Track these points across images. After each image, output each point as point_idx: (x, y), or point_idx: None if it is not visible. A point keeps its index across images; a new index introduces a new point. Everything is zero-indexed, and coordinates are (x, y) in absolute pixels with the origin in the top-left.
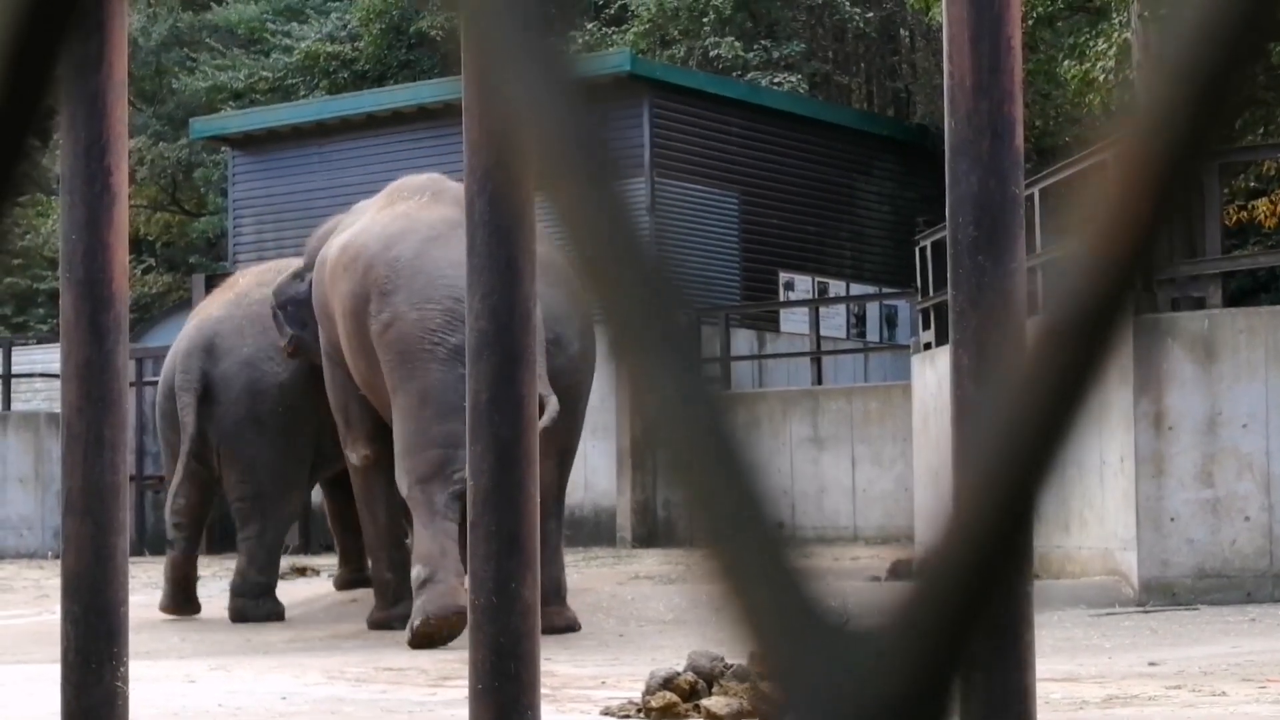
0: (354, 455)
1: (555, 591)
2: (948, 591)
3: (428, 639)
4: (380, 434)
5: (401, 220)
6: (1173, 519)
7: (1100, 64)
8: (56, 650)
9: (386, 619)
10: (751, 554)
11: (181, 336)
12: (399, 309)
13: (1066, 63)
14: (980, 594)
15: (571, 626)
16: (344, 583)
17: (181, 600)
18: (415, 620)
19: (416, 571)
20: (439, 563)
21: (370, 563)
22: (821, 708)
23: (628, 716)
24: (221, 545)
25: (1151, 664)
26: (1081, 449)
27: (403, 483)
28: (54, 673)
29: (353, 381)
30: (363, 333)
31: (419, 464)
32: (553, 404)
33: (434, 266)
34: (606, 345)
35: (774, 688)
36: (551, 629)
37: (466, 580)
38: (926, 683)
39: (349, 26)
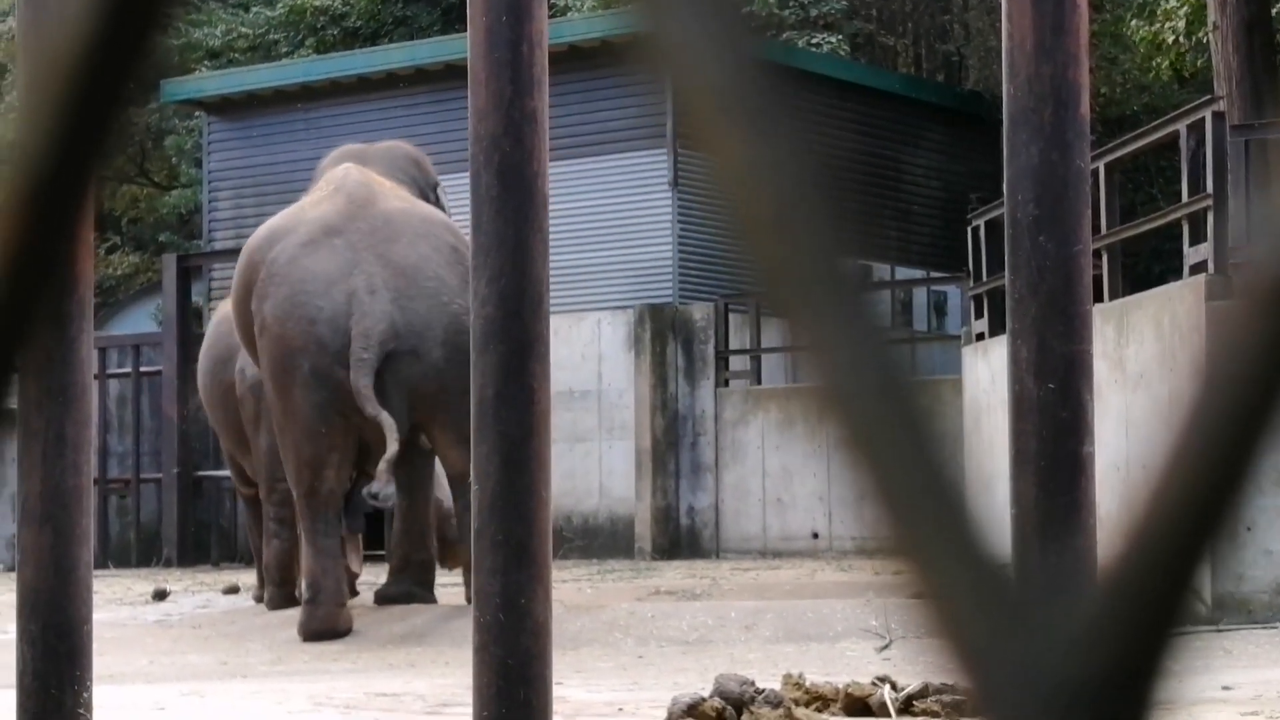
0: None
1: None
2: (1152, 568)
3: (313, 640)
4: None
5: (290, 217)
6: (1249, 528)
7: (1170, 24)
8: (11, 675)
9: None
10: (941, 542)
11: None
12: (266, 318)
13: (1134, 23)
14: (1184, 570)
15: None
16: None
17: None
18: (300, 631)
19: (303, 588)
20: (321, 583)
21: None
22: (1020, 686)
23: None
24: (195, 556)
25: (1225, 688)
26: None
27: (293, 490)
28: (8, 699)
29: None
30: (246, 325)
31: (298, 480)
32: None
33: (299, 278)
34: (775, 307)
35: (965, 671)
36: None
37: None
38: (1129, 662)
39: None
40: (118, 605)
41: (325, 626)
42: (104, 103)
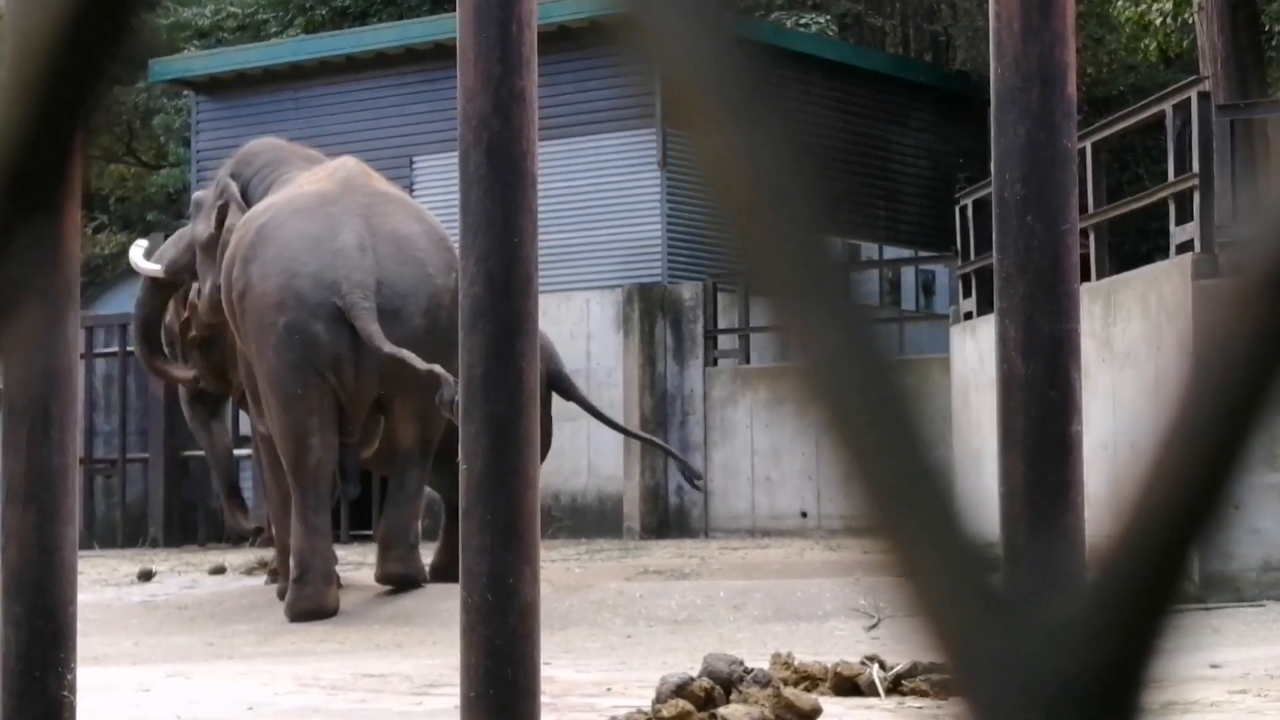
0: (262, 425)
1: (403, 537)
2: (1132, 572)
3: (300, 620)
4: None
5: (285, 193)
6: (1236, 506)
7: (1157, 6)
8: None
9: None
10: (925, 533)
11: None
12: (251, 278)
13: (1121, 3)
14: (1165, 579)
15: (411, 576)
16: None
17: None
18: (287, 611)
19: (291, 566)
20: (309, 562)
21: (275, 530)
22: (999, 685)
23: None
24: (181, 537)
25: (1214, 666)
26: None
27: (284, 466)
28: None
29: None
30: (229, 296)
31: (284, 452)
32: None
33: (286, 238)
34: (761, 293)
35: (948, 664)
36: (389, 577)
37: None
38: (1108, 664)
39: None
40: (103, 586)
41: (313, 606)
42: (86, 78)
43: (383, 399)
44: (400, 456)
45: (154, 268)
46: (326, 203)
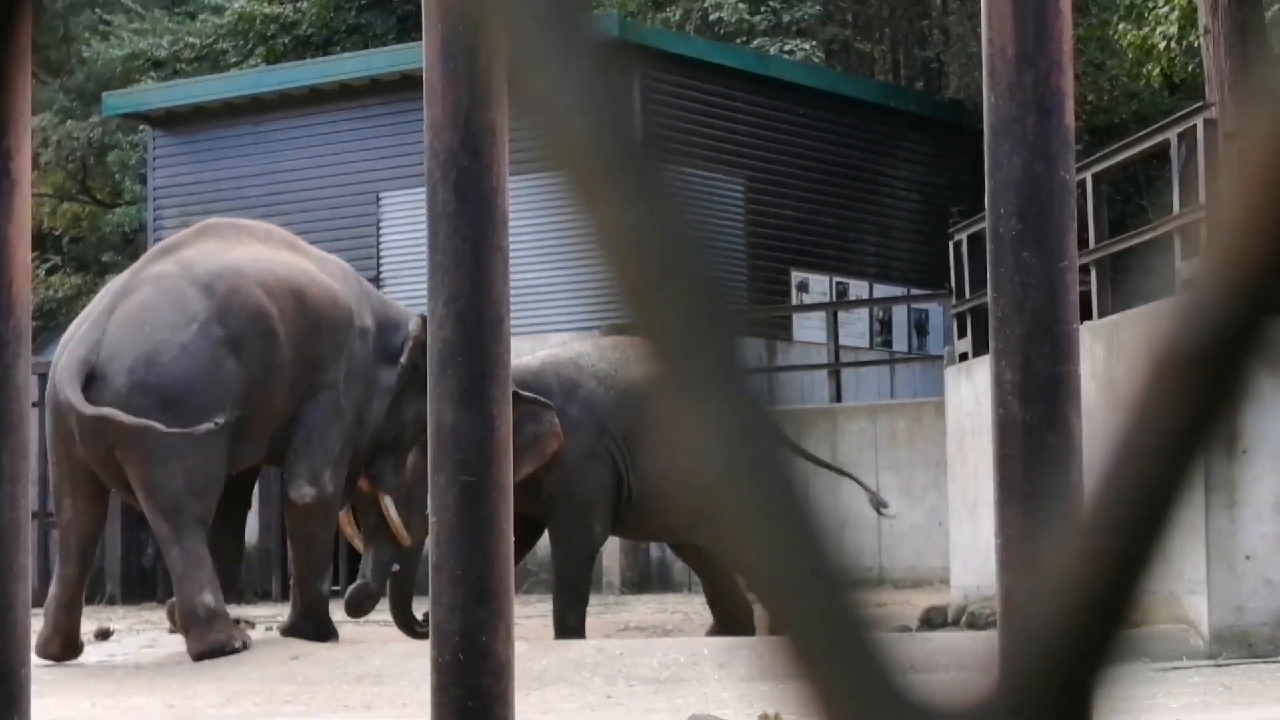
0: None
1: (194, 614)
2: (1044, 674)
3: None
4: None
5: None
6: (1248, 557)
7: (1161, 29)
8: None
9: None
10: (830, 632)
11: None
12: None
13: (1122, 26)
14: (1084, 677)
15: (217, 650)
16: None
17: None
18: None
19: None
20: (52, 613)
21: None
22: None
23: None
24: (140, 593)
25: None
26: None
27: None
28: None
29: None
30: None
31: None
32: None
33: (84, 315)
34: (652, 371)
35: None
36: (196, 656)
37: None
38: None
39: None
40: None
41: (43, 655)
42: None
43: (116, 468)
44: (154, 530)
45: None
46: (150, 282)
